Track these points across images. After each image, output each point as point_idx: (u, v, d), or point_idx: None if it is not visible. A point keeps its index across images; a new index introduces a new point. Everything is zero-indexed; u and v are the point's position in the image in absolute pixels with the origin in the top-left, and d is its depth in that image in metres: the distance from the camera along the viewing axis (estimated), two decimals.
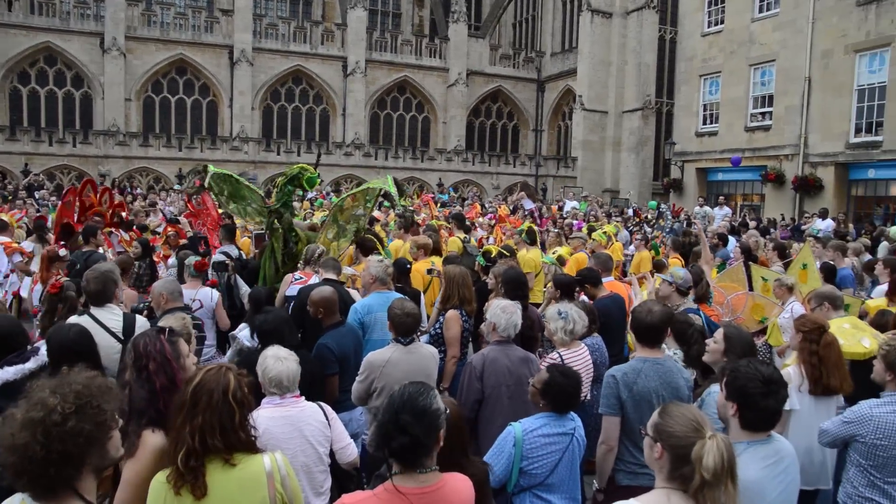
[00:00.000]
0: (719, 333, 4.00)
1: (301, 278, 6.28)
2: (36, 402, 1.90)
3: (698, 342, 4.46)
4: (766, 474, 2.73)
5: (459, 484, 2.53)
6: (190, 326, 3.86)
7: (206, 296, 6.17)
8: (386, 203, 16.76)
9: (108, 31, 31.33)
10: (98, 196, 9.86)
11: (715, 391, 3.80)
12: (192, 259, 6.42)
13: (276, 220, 7.06)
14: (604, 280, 6.83)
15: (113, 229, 9.16)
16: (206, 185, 6.82)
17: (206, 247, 8.39)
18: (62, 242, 7.21)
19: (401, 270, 6.81)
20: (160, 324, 3.81)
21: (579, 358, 4.56)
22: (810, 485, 4.31)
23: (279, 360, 3.27)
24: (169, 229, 10.11)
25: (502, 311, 4.40)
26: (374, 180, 7.50)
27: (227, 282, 6.88)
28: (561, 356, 4.48)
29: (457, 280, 5.62)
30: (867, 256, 10.46)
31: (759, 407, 2.76)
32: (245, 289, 6.86)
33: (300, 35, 35.72)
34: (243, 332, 5.07)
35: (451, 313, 5.45)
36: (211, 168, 6.99)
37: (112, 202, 10.25)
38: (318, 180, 7.24)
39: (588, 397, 4.57)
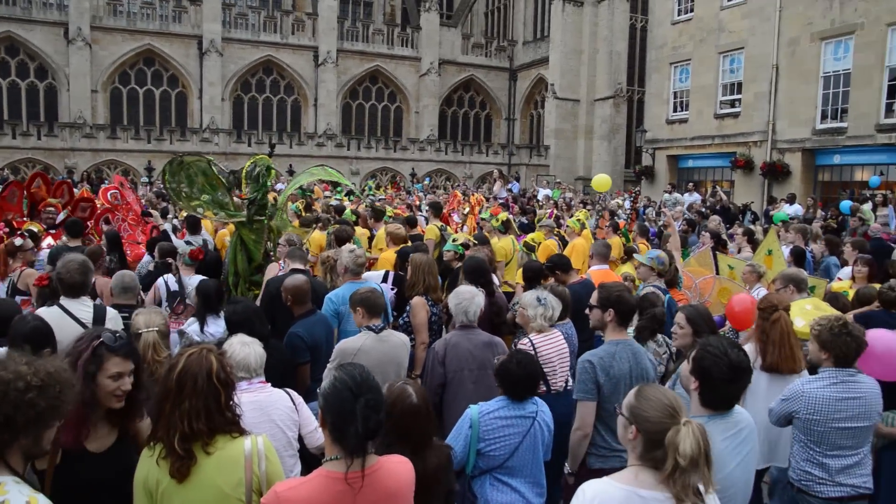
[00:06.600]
0: (681, 318, 4.07)
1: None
2: (10, 367, 1.99)
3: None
4: (727, 446, 2.78)
5: (397, 467, 2.47)
6: (165, 325, 3.82)
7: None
8: (345, 194, 16.66)
9: (73, 22, 30.67)
10: (53, 189, 9.54)
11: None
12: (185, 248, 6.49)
13: (256, 213, 6.85)
14: (598, 267, 6.88)
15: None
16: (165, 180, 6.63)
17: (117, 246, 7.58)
18: (20, 232, 6.96)
19: (403, 258, 6.80)
20: (135, 319, 3.77)
21: (553, 343, 4.54)
22: (761, 462, 4.25)
23: (245, 345, 3.29)
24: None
25: (455, 297, 4.48)
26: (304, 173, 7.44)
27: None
28: (532, 342, 4.49)
29: (422, 268, 5.61)
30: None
31: (721, 392, 2.81)
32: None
33: (270, 25, 35.31)
34: (192, 328, 4.91)
35: (417, 300, 5.44)
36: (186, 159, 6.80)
37: (73, 196, 9.81)
38: (274, 171, 7.09)
39: (570, 385, 4.51)
